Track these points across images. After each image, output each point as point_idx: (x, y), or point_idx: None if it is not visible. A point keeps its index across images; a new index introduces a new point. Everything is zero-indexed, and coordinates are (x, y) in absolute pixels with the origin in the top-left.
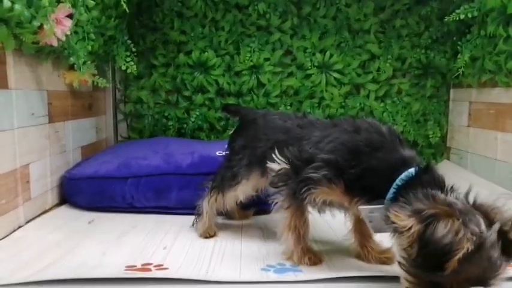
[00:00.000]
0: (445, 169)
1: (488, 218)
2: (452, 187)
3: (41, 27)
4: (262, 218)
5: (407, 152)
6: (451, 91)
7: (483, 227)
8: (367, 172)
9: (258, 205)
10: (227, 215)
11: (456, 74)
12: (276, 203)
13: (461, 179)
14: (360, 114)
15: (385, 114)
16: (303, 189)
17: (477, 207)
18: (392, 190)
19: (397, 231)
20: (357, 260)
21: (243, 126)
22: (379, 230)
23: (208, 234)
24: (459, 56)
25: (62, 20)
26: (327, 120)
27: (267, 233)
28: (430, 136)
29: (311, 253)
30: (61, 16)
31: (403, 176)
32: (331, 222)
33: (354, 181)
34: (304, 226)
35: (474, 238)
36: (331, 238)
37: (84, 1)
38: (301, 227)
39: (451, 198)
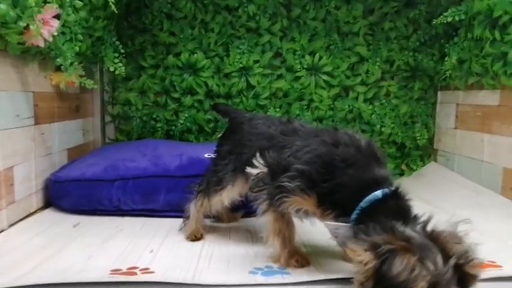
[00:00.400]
0: (432, 171)
1: (445, 250)
2: (415, 216)
3: (27, 27)
4: (251, 221)
5: (381, 172)
6: (439, 93)
7: (440, 264)
8: (338, 188)
9: (246, 207)
10: (215, 217)
11: (443, 77)
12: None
13: (448, 181)
14: (348, 116)
15: (373, 116)
16: (277, 197)
17: (435, 239)
18: (356, 212)
19: (354, 264)
20: (345, 261)
21: (230, 130)
22: (344, 246)
23: (195, 237)
24: (446, 58)
25: (49, 21)
26: (311, 127)
27: (255, 236)
28: (418, 138)
29: (298, 255)
30: (48, 16)
31: (369, 198)
32: (319, 224)
33: (325, 195)
34: (289, 229)
35: (429, 277)
36: (319, 240)
37: (71, 1)
38: (285, 230)
39: (409, 231)
